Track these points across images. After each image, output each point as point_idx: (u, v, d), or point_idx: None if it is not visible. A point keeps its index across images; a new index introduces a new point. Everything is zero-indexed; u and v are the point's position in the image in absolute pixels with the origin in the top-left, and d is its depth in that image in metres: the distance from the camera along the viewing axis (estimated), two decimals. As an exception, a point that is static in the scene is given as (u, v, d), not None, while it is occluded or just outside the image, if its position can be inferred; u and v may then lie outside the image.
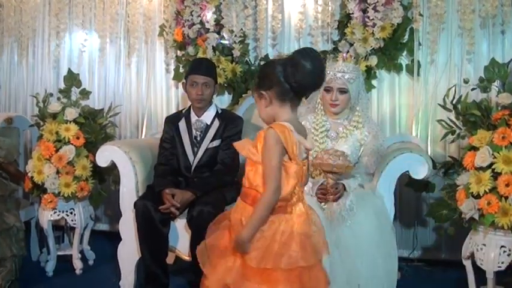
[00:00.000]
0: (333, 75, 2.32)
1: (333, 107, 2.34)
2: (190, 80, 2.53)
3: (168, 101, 3.46)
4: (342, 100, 2.33)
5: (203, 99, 2.53)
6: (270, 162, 1.52)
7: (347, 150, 2.28)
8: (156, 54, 3.46)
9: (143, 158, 2.61)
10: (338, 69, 2.32)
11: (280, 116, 1.59)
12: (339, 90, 2.32)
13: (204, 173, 2.52)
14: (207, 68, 2.54)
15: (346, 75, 2.31)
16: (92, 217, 2.94)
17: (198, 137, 2.57)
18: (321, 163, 2.17)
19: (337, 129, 2.39)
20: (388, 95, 3.06)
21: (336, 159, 2.15)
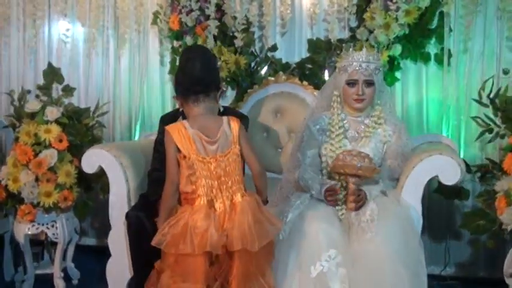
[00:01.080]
0: (358, 66, 2.32)
1: (358, 102, 2.35)
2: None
3: (163, 98, 3.51)
4: (368, 94, 2.34)
5: None
6: (166, 158, 1.97)
7: (370, 152, 2.29)
8: (150, 45, 3.50)
9: (135, 163, 2.65)
10: (363, 58, 2.33)
11: (188, 113, 2.01)
12: (365, 83, 2.33)
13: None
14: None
15: (371, 65, 2.32)
16: (77, 230, 2.97)
17: (199, 137, 2.61)
18: (344, 164, 2.17)
19: (357, 128, 2.40)
20: (414, 88, 3.09)
21: (361, 161, 2.16)
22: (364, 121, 2.41)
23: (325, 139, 2.40)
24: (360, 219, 2.16)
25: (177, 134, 1.95)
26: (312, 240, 2.09)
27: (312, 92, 2.99)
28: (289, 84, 3.03)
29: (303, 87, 3.02)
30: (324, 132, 2.42)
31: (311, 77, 3.12)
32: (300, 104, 2.98)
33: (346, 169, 2.18)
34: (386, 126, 2.37)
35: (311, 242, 2.09)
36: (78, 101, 3.50)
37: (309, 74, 3.15)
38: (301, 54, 3.25)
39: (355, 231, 2.16)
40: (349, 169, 2.17)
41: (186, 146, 1.94)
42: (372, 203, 2.19)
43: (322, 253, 2.06)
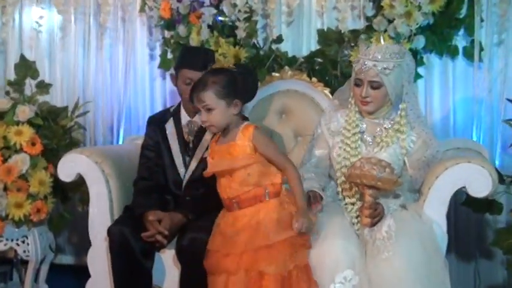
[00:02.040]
0: (363, 64, 2.33)
1: (363, 104, 2.37)
2: (183, 75, 2.56)
3: (152, 96, 3.52)
4: (374, 97, 2.34)
5: None
6: (275, 148, 2.28)
7: (387, 160, 2.29)
8: (137, 36, 3.52)
9: (120, 171, 2.66)
10: (369, 56, 2.33)
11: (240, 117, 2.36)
12: (369, 85, 2.34)
13: (199, 189, 2.55)
14: (205, 60, 2.55)
15: (380, 65, 2.30)
16: (52, 247, 2.98)
17: (191, 144, 2.61)
18: (362, 174, 2.17)
19: (374, 131, 2.41)
20: (440, 86, 3.10)
21: (381, 171, 2.16)
22: (383, 124, 2.42)
23: (337, 141, 2.43)
24: (375, 237, 2.18)
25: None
26: (327, 258, 2.12)
27: (322, 90, 3.00)
28: (296, 81, 3.03)
29: (312, 85, 3.02)
30: (336, 134, 2.44)
31: (321, 73, 3.13)
32: (309, 103, 2.98)
33: (364, 179, 2.18)
34: (410, 133, 2.38)
35: (326, 260, 2.12)
36: (54, 99, 3.49)
37: (318, 69, 3.15)
38: (309, 47, 3.26)
39: (369, 249, 2.17)
40: (367, 180, 2.17)
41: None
42: (389, 218, 2.20)
43: (337, 274, 2.09)
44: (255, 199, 2.23)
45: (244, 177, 2.22)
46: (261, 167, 2.24)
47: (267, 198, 2.23)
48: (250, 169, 2.22)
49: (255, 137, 2.25)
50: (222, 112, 2.25)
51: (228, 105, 2.25)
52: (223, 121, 2.27)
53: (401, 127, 2.37)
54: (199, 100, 2.25)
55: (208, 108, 2.25)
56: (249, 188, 2.23)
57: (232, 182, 2.24)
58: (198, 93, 2.25)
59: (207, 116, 2.26)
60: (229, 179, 2.25)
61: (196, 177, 2.57)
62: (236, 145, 2.25)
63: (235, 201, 2.25)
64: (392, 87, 2.34)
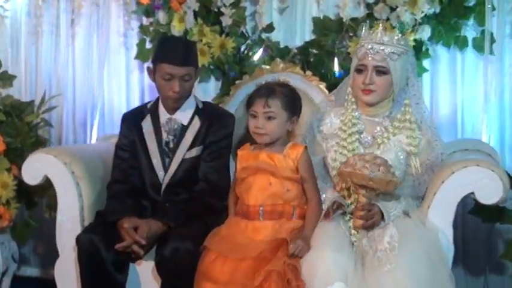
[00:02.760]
0: (369, 47, 2.36)
1: (366, 93, 2.38)
2: (162, 70, 2.53)
3: (128, 90, 3.52)
4: (379, 85, 2.36)
5: (181, 96, 2.57)
6: (314, 177, 2.41)
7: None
8: (112, 23, 3.51)
9: (92, 173, 2.65)
10: (376, 39, 2.37)
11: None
12: (375, 70, 2.36)
13: (180, 194, 2.55)
14: (187, 54, 2.55)
15: (387, 49, 2.35)
16: (15, 258, 2.97)
17: (171, 143, 2.61)
18: (352, 172, 2.19)
19: (373, 131, 2.43)
20: (447, 81, 3.10)
21: (375, 169, 2.18)
22: (383, 123, 2.43)
23: (332, 144, 2.44)
24: (376, 247, 2.18)
25: None
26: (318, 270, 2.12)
27: (317, 85, 2.99)
28: (289, 74, 3.00)
29: (306, 79, 3.01)
30: (330, 137, 2.46)
31: (316, 65, 3.13)
32: (303, 99, 2.95)
33: (354, 178, 2.21)
34: (414, 132, 2.39)
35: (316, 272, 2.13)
36: (18, 93, 3.47)
37: (314, 61, 3.15)
38: (304, 37, 3.25)
39: (369, 261, 2.17)
40: (357, 179, 2.20)
41: None
42: (391, 227, 2.21)
43: (328, 287, 2.09)
44: (281, 214, 2.35)
45: (281, 190, 2.35)
46: (300, 188, 2.38)
47: (293, 218, 2.36)
48: (290, 185, 2.36)
49: (302, 157, 2.38)
50: (281, 124, 2.38)
51: (288, 119, 2.40)
52: (278, 133, 2.39)
53: (407, 124, 2.39)
54: (263, 105, 2.36)
55: (269, 116, 2.37)
56: (281, 202, 2.35)
57: (266, 190, 2.35)
58: (264, 98, 2.36)
59: (264, 124, 2.37)
60: (265, 185, 2.35)
61: (176, 181, 2.57)
62: (281, 157, 2.38)
63: (262, 210, 2.34)
64: (398, 75, 2.37)
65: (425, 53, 3.03)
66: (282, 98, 2.38)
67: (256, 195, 2.35)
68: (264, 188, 2.35)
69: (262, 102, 2.36)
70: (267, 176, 2.36)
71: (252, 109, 2.40)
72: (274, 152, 2.39)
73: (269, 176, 2.35)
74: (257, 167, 2.38)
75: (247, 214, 2.37)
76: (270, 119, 2.37)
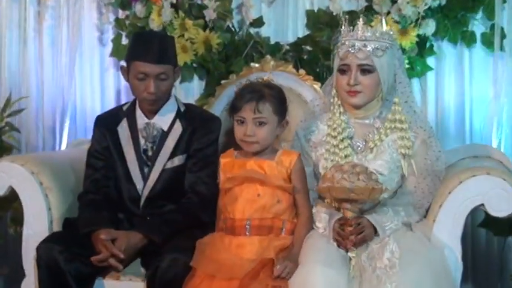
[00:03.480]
0: (350, 45, 2.37)
1: (352, 95, 2.39)
2: (135, 69, 2.52)
3: (103, 91, 3.50)
4: (366, 85, 2.37)
5: (158, 98, 2.56)
6: (307, 189, 2.42)
7: (383, 167, 2.32)
8: (84, 16, 3.49)
9: (62, 183, 2.64)
10: (357, 35, 2.38)
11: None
12: (360, 69, 2.37)
13: (162, 207, 2.55)
14: (162, 50, 2.54)
15: (370, 45, 2.36)
16: (-23, 278, 2.95)
17: (150, 151, 2.60)
18: (331, 187, 2.19)
19: (365, 134, 2.44)
20: (453, 80, 3.11)
21: (354, 178, 2.18)
22: (374, 124, 2.44)
23: (321, 152, 2.45)
24: (375, 264, 2.18)
25: None
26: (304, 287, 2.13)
27: (311, 85, 3.00)
28: (280, 73, 3.01)
29: (300, 78, 3.02)
30: (319, 145, 2.46)
31: (310, 63, 3.14)
32: (295, 101, 2.94)
33: (334, 193, 2.21)
34: (407, 132, 2.40)
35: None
36: (-21, 94, 3.48)
37: (307, 59, 3.16)
38: (296, 32, 3.26)
39: (368, 279, 2.17)
40: (337, 193, 2.20)
41: None
42: (391, 242, 2.21)
43: None
44: (270, 229, 2.34)
45: (271, 201, 2.34)
46: (292, 200, 2.38)
47: (282, 233, 2.35)
48: (281, 196, 2.36)
49: (296, 165, 2.39)
50: (272, 129, 2.39)
51: (278, 123, 2.41)
52: (269, 139, 2.40)
53: (398, 125, 2.41)
54: (254, 110, 2.35)
55: (260, 122, 2.36)
56: (270, 215, 2.34)
57: (255, 202, 2.34)
58: (253, 103, 2.35)
59: (255, 130, 2.36)
60: (253, 197, 2.34)
61: (156, 193, 2.57)
62: (272, 165, 2.38)
63: (249, 225, 2.33)
64: (385, 72, 2.38)
65: (430, 49, 3.05)
66: (272, 101, 2.38)
67: (243, 208, 2.34)
68: (252, 200, 2.34)
69: (252, 107, 2.35)
70: (255, 186, 2.34)
71: (239, 115, 2.38)
72: (264, 159, 2.39)
73: (257, 186, 2.34)
74: (244, 176, 2.37)
75: (232, 229, 2.35)
76: (261, 125, 2.36)
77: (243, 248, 2.30)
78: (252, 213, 2.33)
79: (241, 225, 2.33)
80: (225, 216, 2.39)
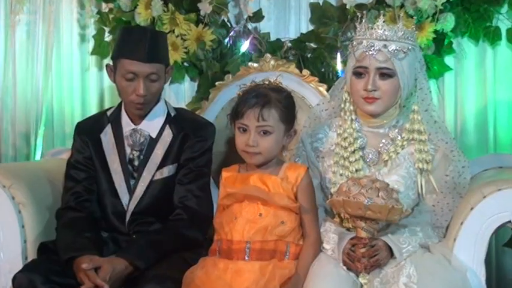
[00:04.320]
0: (368, 45, 2.36)
1: (369, 102, 2.38)
2: (123, 68, 2.52)
3: (84, 94, 3.50)
4: (385, 90, 2.36)
5: (147, 101, 2.56)
6: (315, 208, 2.40)
7: (399, 183, 2.32)
8: (62, 10, 3.49)
9: (37, 199, 2.63)
10: (376, 34, 2.36)
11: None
12: (379, 73, 2.36)
13: (151, 224, 2.55)
14: (153, 48, 2.53)
15: (391, 46, 2.34)
16: None
17: (136, 160, 2.61)
18: (346, 201, 2.19)
19: (378, 145, 2.43)
20: (475, 83, 3.12)
21: (373, 194, 2.17)
22: (389, 134, 2.44)
23: (329, 164, 2.44)
24: (389, 291, 2.19)
25: None
26: None
27: (316, 87, 3.00)
28: (282, 74, 2.94)
29: (303, 79, 3.02)
30: (327, 155, 2.46)
31: (315, 62, 3.15)
32: (298, 105, 2.88)
33: (349, 208, 2.19)
34: (427, 144, 2.39)
35: None
36: None
37: (312, 58, 3.17)
38: (300, 27, 3.27)
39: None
40: (352, 209, 2.19)
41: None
42: (408, 266, 2.21)
43: None
44: (272, 254, 2.30)
45: (274, 222, 2.31)
46: (298, 220, 2.35)
47: (286, 258, 2.32)
48: (286, 217, 2.32)
49: (304, 181, 2.36)
50: (278, 139, 2.37)
51: (285, 132, 2.39)
52: (274, 151, 2.39)
53: (416, 136, 2.40)
54: (257, 117, 2.32)
55: (265, 131, 2.34)
56: (273, 238, 2.31)
57: (256, 222, 2.31)
58: (257, 109, 2.32)
59: (258, 140, 2.34)
60: (254, 217, 2.32)
61: (144, 208, 2.57)
62: (277, 181, 2.35)
63: (249, 248, 2.29)
64: (406, 77, 2.37)
65: (448, 47, 3.05)
66: (279, 107, 2.35)
67: (242, 228, 2.30)
68: (253, 220, 2.31)
69: (256, 114, 2.32)
70: (257, 204, 2.32)
71: (241, 122, 2.36)
72: (268, 174, 2.37)
73: (259, 205, 2.32)
74: (245, 193, 2.34)
75: (228, 252, 2.31)
76: (266, 134, 2.34)
77: (240, 274, 2.25)
78: (253, 235, 2.29)
79: (240, 248, 2.29)
80: (220, 237, 2.36)
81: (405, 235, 2.30)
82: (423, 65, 2.50)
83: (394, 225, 2.29)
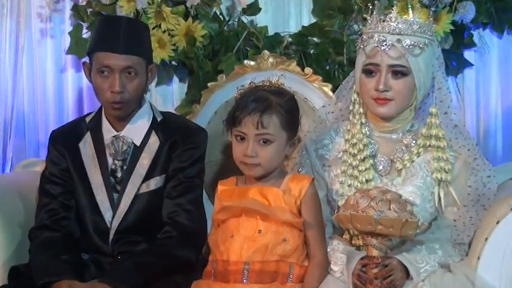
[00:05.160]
0: (380, 40, 2.36)
1: (380, 103, 2.38)
2: (97, 61, 2.53)
3: (59, 99, 3.51)
4: (398, 90, 2.36)
5: (125, 100, 2.55)
6: (322, 224, 2.40)
7: (414, 195, 2.32)
8: (33, 3, 3.49)
9: (7, 216, 2.64)
10: (389, 27, 2.37)
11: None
12: (391, 71, 2.36)
13: (137, 244, 2.56)
14: (131, 37, 2.54)
15: (405, 40, 2.35)
16: None
17: (119, 172, 2.62)
18: (354, 216, 2.18)
19: (391, 152, 2.44)
20: (499, 80, 3.14)
21: (384, 207, 2.17)
22: (403, 140, 2.44)
23: (336, 173, 2.45)
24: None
25: None
26: None
27: (320, 87, 3.02)
28: (281, 72, 2.96)
29: (305, 78, 3.04)
30: (334, 163, 2.47)
31: (319, 59, 3.16)
32: (301, 107, 2.86)
33: (358, 224, 2.19)
34: (446, 151, 2.39)
35: None
36: None
37: (315, 54, 3.18)
38: (301, 20, 3.29)
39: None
40: (361, 224, 2.18)
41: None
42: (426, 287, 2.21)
43: None
44: (273, 276, 2.28)
45: (276, 240, 2.29)
46: (302, 237, 2.34)
47: (289, 281, 2.30)
48: (289, 233, 2.31)
49: (308, 194, 2.35)
50: (280, 148, 2.36)
51: (288, 141, 2.37)
52: (276, 162, 2.37)
53: (434, 142, 2.40)
54: (256, 125, 2.30)
55: (265, 140, 2.32)
56: (274, 258, 2.29)
57: (255, 241, 2.29)
58: (256, 115, 2.30)
59: (258, 150, 2.32)
60: (253, 234, 2.31)
61: (129, 225, 2.58)
62: (279, 194, 2.34)
63: (248, 270, 2.27)
64: (422, 76, 2.38)
65: (469, 40, 3.07)
66: (280, 112, 2.33)
67: (239, 247, 2.29)
68: (252, 237, 2.29)
69: (255, 121, 2.30)
70: (256, 220, 2.31)
71: (238, 130, 2.34)
72: (268, 186, 2.36)
73: (258, 220, 2.31)
74: (242, 207, 2.32)
75: (224, 274, 2.30)
76: (266, 143, 2.32)
77: None
78: (252, 255, 2.27)
79: (238, 270, 2.27)
80: (215, 258, 2.35)
81: (422, 253, 2.29)
82: (442, 62, 2.50)
83: (409, 242, 2.29)
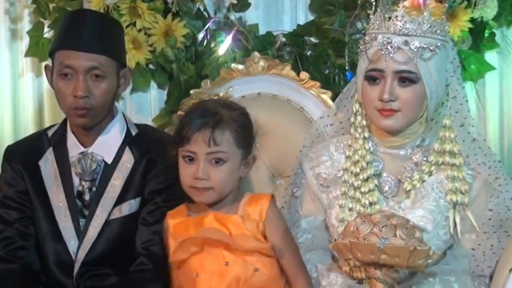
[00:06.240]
0: (384, 42, 2.37)
1: (385, 115, 2.39)
2: (59, 61, 2.53)
3: (16, 107, 3.51)
4: (406, 100, 2.37)
5: (91, 106, 2.54)
6: (293, 243, 2.44)
7: (425, 220, 2.33)
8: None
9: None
10: (395, 27, 2.37)
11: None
12: (398, 78, 2.36)
13: (106, 277, 2.57)
14: (97, 33, 2.54)
15: (414, 42, 2.35)
16: None
17: (87, 194, 2.61)
18: (354, 244, 2.18)
19: (398, 171, 2.45)
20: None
21: (388, 234, 2.16)
22: (413, 157, 2.45)
23: (335, 195, 2.46)
24: None
25: None
26: None
27: (318, 94, 3.03)
28: (274, 77, 3.06)
29: (301, 85, 3.05)
30: (332, 183, 2.48)
31: (316, 62, 3.18)
32: (295, 118, 3.03)
33: (359, 253, 2.18)
34: (462, 169, 2.40)
35: None
36: None
37: (312, 56, 3.21)
38: (297, 18, 3.31)
39: None
40: (363, 253, 2.18)
41: None
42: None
43: None
44: None
45: (246, 271, 2.30)
46: (275, 264, 2.36)
47: None
48: (258, 262, 2.32)
49: (270, 215, 2.36)
50: (234, 169, 2.38)
51: (242, 160, 2.40)
52: (230, 185, 2.39)
53: (448, 159, 2.41)
54: (208, 142, 2.31)
55: (218, 159, 2.34)
56: None
57: (224, 275, 2.30)
58: (207, 131, 2.31)
59: (210, 172, 2.33)
60: (220, 267, 2.31)
61: (98, 256, 2.57)
62: (237, 221, 2.35)
63: None
64: (433, 83, 2.38)
65: (490, 41, 3.08)
66: (234, 128, 2.35)
67: (208, 286, 2.30)
68: (219, 272, 2.30)
69: (206, 137, 2.31)
70: (220, 251, 2.31)
71: (186, 149, 2.35)
72: (224, 213, 2.36)
73: (222, 251, 2.31)
74: (203, 238, 2.32)
75: None
76: (218, 163, 2.34)
77: None
78: None
79: None
80: None
81: (436, 287, 2.29)
82: (457, 66, 2.51)
83: (420, 275, 2.30)
